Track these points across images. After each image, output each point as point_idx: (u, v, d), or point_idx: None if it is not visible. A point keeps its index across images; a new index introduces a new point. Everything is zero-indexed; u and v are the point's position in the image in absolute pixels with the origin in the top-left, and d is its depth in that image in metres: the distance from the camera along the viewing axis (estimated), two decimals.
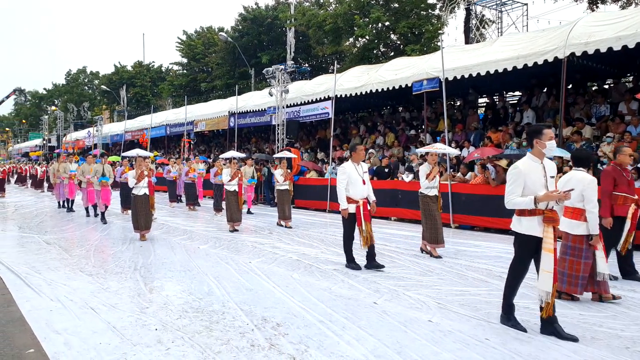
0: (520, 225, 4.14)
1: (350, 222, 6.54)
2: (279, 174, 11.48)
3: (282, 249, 8.21)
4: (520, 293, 5.34)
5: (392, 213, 12.48)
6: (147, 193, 9.16)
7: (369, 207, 6.57)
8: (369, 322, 4.41)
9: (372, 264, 6.56)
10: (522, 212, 4.12)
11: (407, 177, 12.24)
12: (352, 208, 6.43)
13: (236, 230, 10.21)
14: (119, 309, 4.77)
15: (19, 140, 72.55)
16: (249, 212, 13.70)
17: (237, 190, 10.53)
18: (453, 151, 10.09)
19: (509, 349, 3.80)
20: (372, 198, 6.68)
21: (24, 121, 75.18)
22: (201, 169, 16.47)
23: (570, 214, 5.09)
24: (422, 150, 8.67)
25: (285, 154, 13.79)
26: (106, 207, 11.87)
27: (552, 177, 4.14)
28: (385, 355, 3.68)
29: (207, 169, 17.71)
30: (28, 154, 52.73)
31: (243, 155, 15.30)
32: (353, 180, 6.45)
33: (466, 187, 10.90)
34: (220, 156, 17.06)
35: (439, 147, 9.12)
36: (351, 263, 6.69)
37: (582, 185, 4.93)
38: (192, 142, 24.15)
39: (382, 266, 6.52)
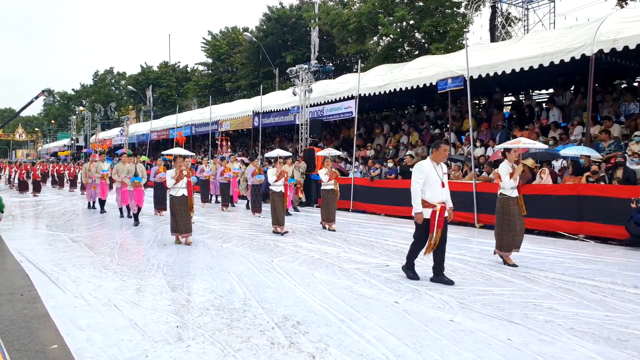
0: None
1: (424, 228, 5.74)
2: (323, 172, 10.83)
3: (304, 247, 8.22)
4: (545, 293, 5.27)
5: None
6: (186, 194, 8.59)
7: (446, 214, 5.80)
8: (390, 322, 4.38)
9: (441, 277, 5.84)
10: None
11: None
12: (427, 213, 5.68)
13: (286, 232, 9.71)
14: (141, 307, 4.84)
15: (48, 140, 74.50)
16: (288, 213, 13.00)
17: (282, 191, 9.90)
18: (541, 145, 8.81)
19: (532, 350, 3.73)
20: (450, 204, 5.89)
21: (52, 121, 77.10)
22: (236, 168, 15.79)
23: None
24: (502, 146, 7.52)
25: (330, 151, 12.83)
26: (139, 208, 11.38)
27: None
28: (406, 355, 3.65)
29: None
30: (57, 153, 54.09)
31: (289, 153, 14.47)
32: (431, 181, 5.70)
33: (491, 186, 10.71)
34: (266, 155, 16.61)
35: (525, 142, 7.97)
36: (410, 271, 6.01)
37: None
38: (229, 139, 23.57)
39: (452, 282, 5.74)
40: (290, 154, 15.60)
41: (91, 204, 14.75)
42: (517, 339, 3.94)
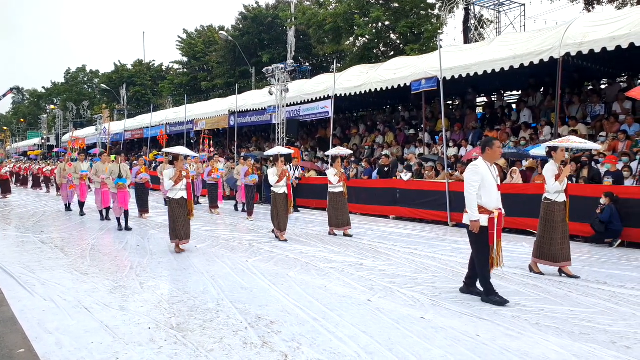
0: None
1: (483, 239, 5.04)
2: (332, 174, 9.93)
3: (279, 247, 8.23)
4: (514, 290, 5.41)
5: (391, 212, 12.51)
6: (185, 197, 7.97)
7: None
8: (362, 320, 4.44)
9: (472, 289, 5.25)
10: None
11: (406, 176, 12.27)
12: (483, 220, 5.01)
13: (285, 241, 8.88)
14: (112, 308, 4.79)
15: (17, 139, 72.53)
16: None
17: (286, 192, 9.14)
18: (592, 145, 7.62)
19: (499, 345, 3.83)
20: (502, 209, 5.18)
21: (22, 120, 75.10)
22: (222, 168, 15.17)
23: None
24: (550, 144, 6.66)
25: (339, 150, 11.89)
26: (126, 212, 10.35)
27: None
28: (377, 352, 3.71)
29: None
30: (26, 153, 52.70)
31: (290, 151, 13.39)
32: (487, 184, 5.03)
33: (463, 185, 10.90)
34: (265, 153, 15.97)
35: (576, 141, 6.87)
36: (494, 296, 4.97)
37: None
38: (211, 138, 22.80)
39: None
40: (292, 151, 15.02)
41: (68, 206, 14.14)
42: (485, 335, 4.05)
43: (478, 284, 5.21)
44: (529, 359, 3.58)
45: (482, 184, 5.03)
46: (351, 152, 13.66)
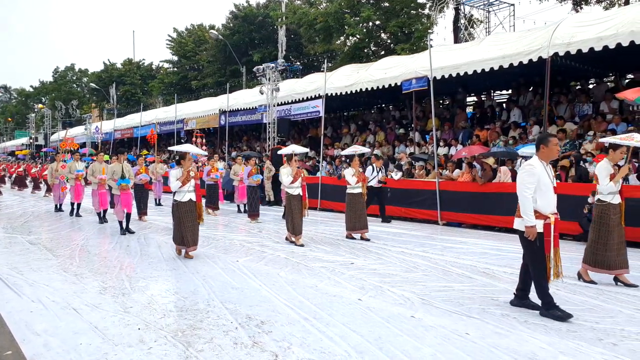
0: None
1: (537, 247, 4.57)
2: (349, 174, 9.15)
3: (270, 247, 8.22)
4: (503, 288, 5.45)
5: None
6: (193, 199, 7.45)
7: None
8: (352, 319, 4.45)
9: (525, 302, 4.80)
10: None
11: (396, 175, 12.32)
12: (539, 226, 4.54)
13: (301, 245, 8.33)
14: (102, 309, 4.76)
15: (4, 139, 71.73)
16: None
17: (300, 193, 8.60)
18: None
19: (488, 343, 3.86)
20: (557, 213, 4.70)
21: (9, 119, 74.26)
22: (221, 168, 14.84)
23: None
24: (610, 140, 5.99)
25: (355, 148, 10.90)
26: (128, 214, 9.82)
27: None
28: (368, 351, 3.72)
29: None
30: (14, 152, 52.14)
31: (305, 149, 12.68)
32: (543, 185, 4.55)
33: (454, 184, 10.99)
34: (280, 151, 15.62)
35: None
36: (555, 309, 4.52)
37: None
38: (203, 136, 22.45)
39: (539, 307, 4.67)
40: (307, 150, 14.53)
41: (59, 206, 13.91)
42: (475, 333, 4.07)
43: (532, 296, 4.79)
44: (517, 356, 3.61)
45: (538, 186, 4.57)
46: (368, 149, 12.97)
